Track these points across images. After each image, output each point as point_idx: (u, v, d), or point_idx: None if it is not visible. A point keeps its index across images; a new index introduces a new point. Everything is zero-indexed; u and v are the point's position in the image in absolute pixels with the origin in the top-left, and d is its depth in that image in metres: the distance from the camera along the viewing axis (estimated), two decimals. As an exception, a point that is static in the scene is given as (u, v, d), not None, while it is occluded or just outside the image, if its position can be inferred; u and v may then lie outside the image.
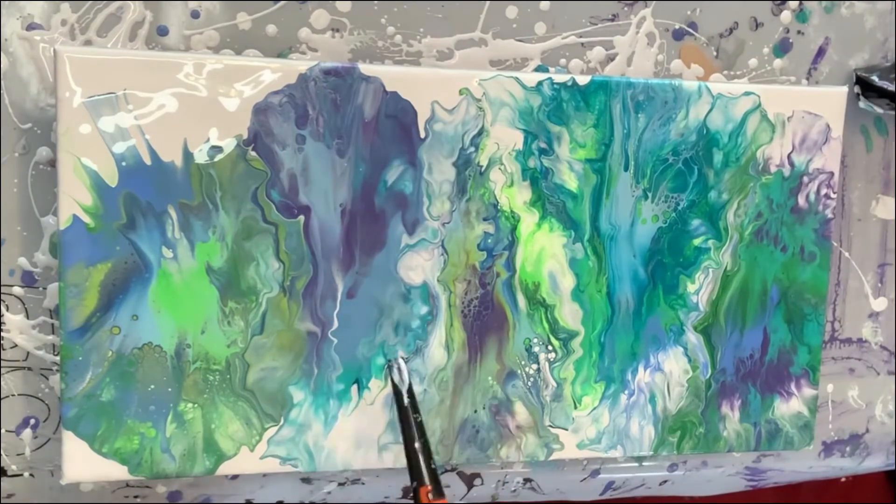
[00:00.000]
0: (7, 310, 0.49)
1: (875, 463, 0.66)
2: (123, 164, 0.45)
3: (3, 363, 0.49)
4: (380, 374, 0.51)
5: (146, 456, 0.48)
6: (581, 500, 0.61)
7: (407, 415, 0.46)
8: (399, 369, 0.47)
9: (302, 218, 0.48)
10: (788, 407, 0.58)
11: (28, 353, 0.49)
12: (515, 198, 0.51)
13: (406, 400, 0.47)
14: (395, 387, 0.48)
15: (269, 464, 0.50)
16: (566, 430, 0.54)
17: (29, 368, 0.50)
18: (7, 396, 0.50)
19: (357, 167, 0.48)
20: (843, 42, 0.58)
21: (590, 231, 0.53)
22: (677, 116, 0.53)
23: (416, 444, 0.45)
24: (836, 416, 0.63)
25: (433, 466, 0.45)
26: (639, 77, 0.54)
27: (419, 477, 0.45)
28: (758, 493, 0.67)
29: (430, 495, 0.44)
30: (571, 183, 0.52)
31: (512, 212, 0.51)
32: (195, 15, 0.49)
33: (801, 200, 0.56)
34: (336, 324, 0.49)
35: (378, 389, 0.51)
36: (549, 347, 0.53)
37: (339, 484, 0.55)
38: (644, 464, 0.60)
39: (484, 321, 0.52)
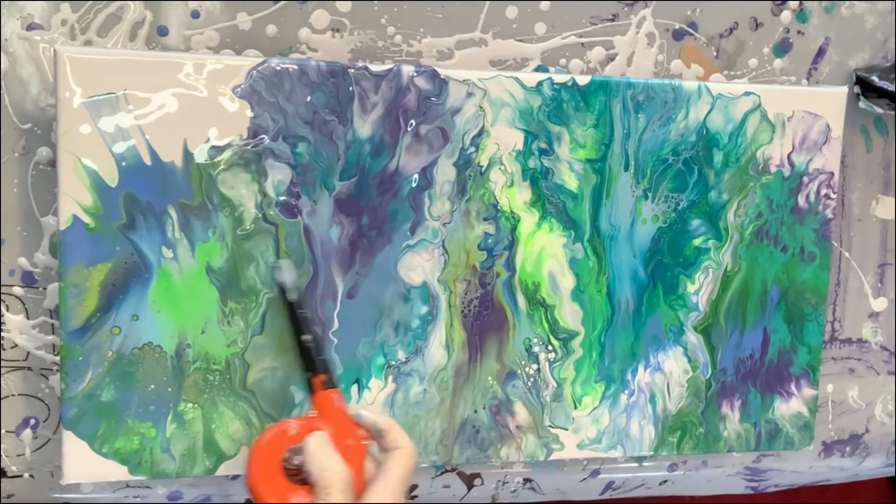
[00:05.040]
0: (7, 310, 0.49)
1: (875, 463, 0.66)
2: (123, 164, 0.45)
3: (3, 363, 0.49)
4: (380, 374, 0.51)
5: (146, 456, 0.48)
6: (581, 499, 0.61)
7: (293, 310, 0.46)
8: (282, 269, 0.47)
9: (302, 218, 0.48)
10: (788, 407, 0.58)
11: (28, 353, 0.49)
12: (515, 198, 0.51)
13: (292, 296, 0.47)
14: (279, 287, 0.47)
15: (270, 464, 0.50)
16: (566, 430, 0.54)
17: (29, 368, 0.50)
18: (7, 396, 0.50)
19: (357, 167, 0.48)
20: (843, 42, 0.58)
21: (590, 231, 0.53)
22: (677, 117, 0.53)
23: (306, 337, 0.46)
24: (836, 416, 0.63)
25: (323, 357, 0.45)
26: (639, 77, 0.54)
27: (312, 367, 0.45)
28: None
29: (324, 385, 0.44)
30: (571, 183, 0.52)
31: (512, 212, 0.51)
32: (195, 15, 0.49)
33: (801, 200, 0.56)
34: (336, 324, 0.49)
35: (378, 389, 0.51)
36: (549, 347, 0.53)
37: (339, 484, 0.55)
38: (644, 464, 0.60)
39: (484, 321, 0.52)
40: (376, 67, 0.48)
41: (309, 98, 0.47)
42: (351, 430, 0.44)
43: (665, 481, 0.61)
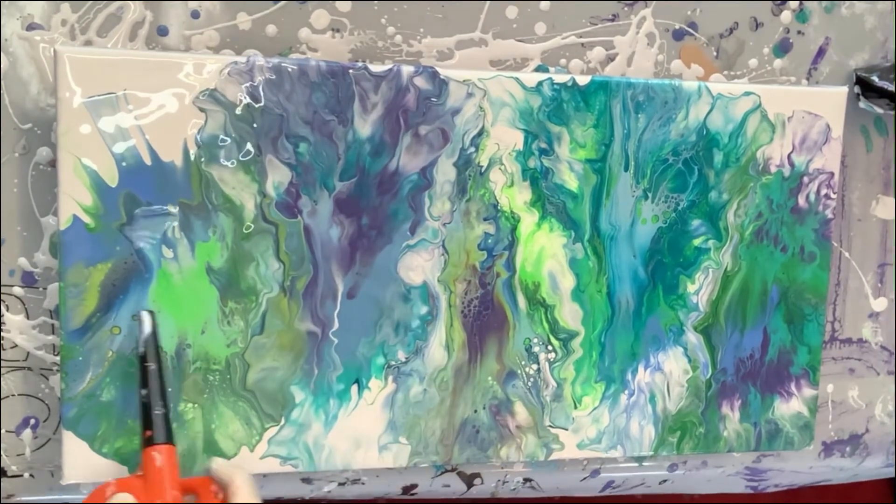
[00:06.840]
0: (7, 310, 0.49)
1: (875, 463, 0.66)
2: (123, 164, 0.45)
3: (3, 363, 0.49)
4: (380, 374, 0.51)
5: (146, 456, 0.48)
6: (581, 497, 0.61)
7: (142, 363, 0.46)
8: (142, 320, 0.46)
9: (302, 218, 0.48)
10: (788, 407, 0.58)
11: (28, 353, 0.49)
12: (515, 198, 0.51)
13: (142, 349, 0.46)
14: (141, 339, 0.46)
15: (269, 464, 0.50)
16: (566, 430, 0.54)
17: (29, 368, 0.50)
18: (7, 396, 0.50)
19: (357, 166, 0.48)
20: (843, 42, 0.58)
21: (590, 231, 0.53)
22: (677, 117, 0.53)
23: (143, 392, 0.45)
24: (836, 416, 0.63)
25: (157, 412, 0.45)
26: (639, 77, 0.54)
27: (147, 423, 0.45)
28: (758, 493, 0.67)
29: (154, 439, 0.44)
30: (571, 183, 0.52)
31: (512, 212, 0.51)
32: (195, 15, 0.49)
33: (802, 200, 0.56)
34: (336, 324, 0.49)
35: (378, 389, 0.51)
36: (549, 347, 0.53)
37: (340, 484, 0.55)
38: (644, 464, 0.60)
39: (484, 321, 0.52)
40: (376, 67, 0.48)
41: (309, 97, 0.47)
42: (171, 488, 0.43)
43: (665, 481, 0.61)
